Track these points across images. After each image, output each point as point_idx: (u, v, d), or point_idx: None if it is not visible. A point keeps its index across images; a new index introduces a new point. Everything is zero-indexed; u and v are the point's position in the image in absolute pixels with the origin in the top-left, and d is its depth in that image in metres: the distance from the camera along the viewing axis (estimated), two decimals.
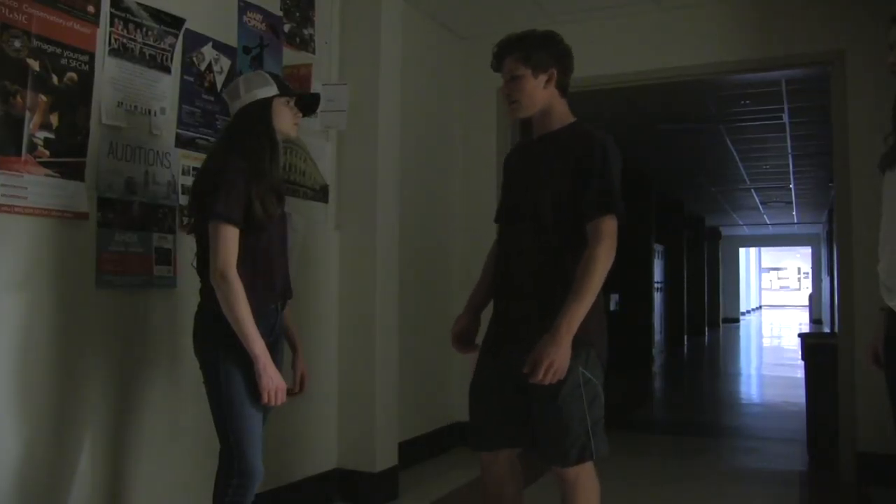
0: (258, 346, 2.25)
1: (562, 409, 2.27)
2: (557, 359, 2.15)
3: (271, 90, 2.43)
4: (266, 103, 2.42)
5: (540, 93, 2.42)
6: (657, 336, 11.56)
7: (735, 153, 9.46)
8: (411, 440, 4.49)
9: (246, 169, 2.31)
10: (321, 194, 3.82)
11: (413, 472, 4.36)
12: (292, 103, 2.50)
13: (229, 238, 2.25)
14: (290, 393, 2.45)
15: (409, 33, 4.40)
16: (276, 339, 2.48)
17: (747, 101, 7.00)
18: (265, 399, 2.28)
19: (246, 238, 2.30)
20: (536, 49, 2.43)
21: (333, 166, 3.91)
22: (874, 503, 3.89)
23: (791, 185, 12.15)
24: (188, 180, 2.89)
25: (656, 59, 4.79)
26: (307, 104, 2.62)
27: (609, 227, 2.26)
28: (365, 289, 3.87)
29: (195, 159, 3.00)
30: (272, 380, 2.28)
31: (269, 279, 2.40)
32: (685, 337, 14.52)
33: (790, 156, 9.66)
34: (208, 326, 2.33)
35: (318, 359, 3.78)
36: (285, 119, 2.47)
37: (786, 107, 7.12)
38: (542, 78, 2.41)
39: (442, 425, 5.00)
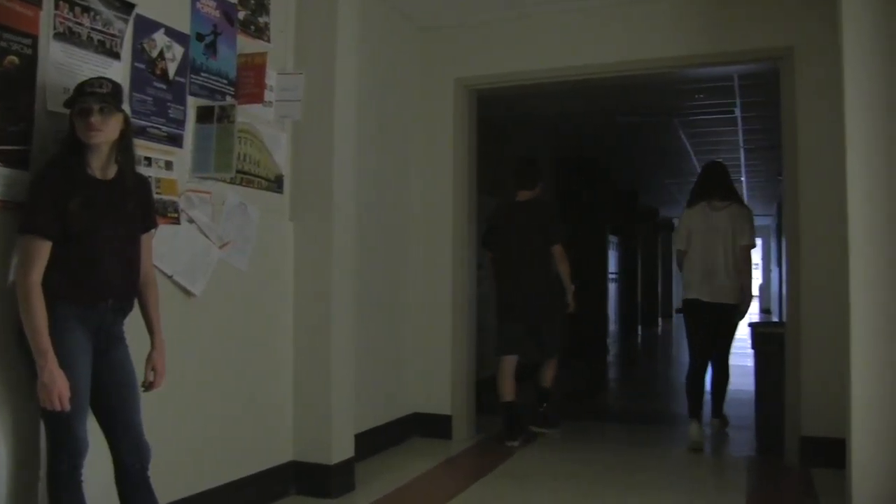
0: (41, 344, 2.25)
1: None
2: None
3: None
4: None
5: None
6: (612, 326, 11.70)
7: (689, 146, 9.59)
8: (368, 431, 4.49)
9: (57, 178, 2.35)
10: (276, 185, 3.79)
11: (370, 463, 4.36)
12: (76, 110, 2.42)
13: (31, 248, 2.28)
14: (146, 388, 2.56)
15: (366, 22, 4.38)
16: (109, 340, 2.46)
17: (701, 95, 7.11)
18: (42, 399, 2.26)
19: (59, 245, 2.31)
20: None
21: (289, 157, 3.88)
22: (816, 484, 4.00)
23: (742, 178, 12.36)
24: (140, 170, 2.83)
25: (614, 52, 4.84)
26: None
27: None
28: (320, 280, 3.85)
29: (147, 148, 2.96)
30: (49, 383, 2.24)
31: (86, 282, 2.37)
32: (639, 326, 14.71)
33: (742, 149, 9.84)
34: (20, 329, 2.33)
35: (273, 350, 3.76)
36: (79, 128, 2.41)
37: (738, 101, 7.25)
38: None
39: (398, 416, 5.00)
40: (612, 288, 11.76)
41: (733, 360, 5.56)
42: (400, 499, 3.86)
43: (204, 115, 3.27)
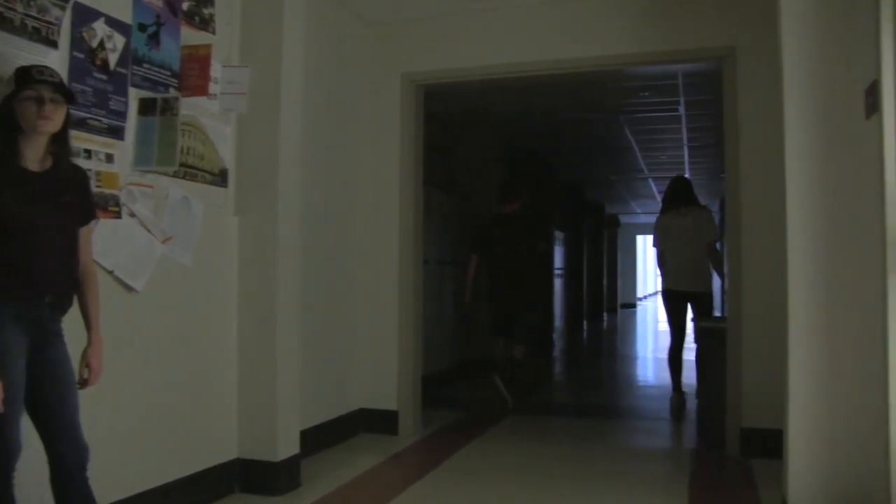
0: None
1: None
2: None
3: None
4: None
5: None
6: (557, 321, 11.80)
7: (634, 143, 9.72)
8: (314, 428, 4.46)
9: None
10: (220, 179, 3.74)
11: (316, 459, 4.33)
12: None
13: None
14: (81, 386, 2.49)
15: (313, 16, 4.34)
16: (46, 337, 2.39)
17: (646, 93, 7.21)
18: None
19: None
20: None
21: (233, 150, 3.83)
22: (755, 474, 4.10)
23: (686, 175, 12.56)
24: (80, 163, 2.77)
25: (558, 49, 4.87)
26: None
27: None
28: (265, 276, 3.81)
29: (87, 141, 2.88)
30: None
31: (22, 278, 2.31)
32: (584, 322, 14.87)
33: (685, 146, 10.00)
34: None
35: (217, 346, 3.71)
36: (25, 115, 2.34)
37: (682, 99, 7.36)
38: None
39: (344, 412, 4.98)
40: (557, 283, 11.86)
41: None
42: (346, 495, 3.84)
43: (146, 107, 3.21)
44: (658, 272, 6.38)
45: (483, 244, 6.54)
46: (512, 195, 6.52)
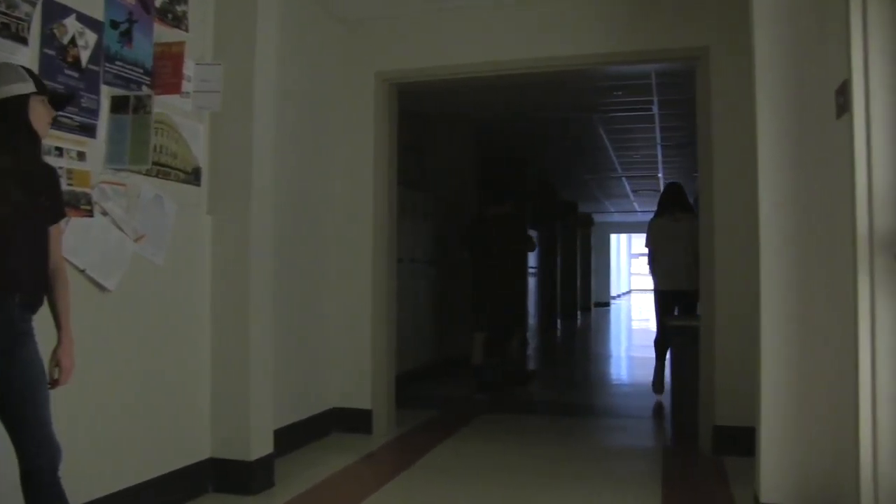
0: None
1: None
2: None
3: (28, 87, 2.35)
4: (24, 100, 2.34)
5: None
6: (531, 320, 11.84)
7: (608, 142, 9.77)
8: (287, 427, 4.44)
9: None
10: (193, 177, 3.71)
11: (289, 459, 4.31)
12: (47, 101, 2.42)
13: None
14: (51, 385, 2.44)
15: (287, 14, 4.32)
16: (16, 336, 2.36)
17: (619, 93, 7.25)
18: None
19: None
20: None
21: (207, 149, 3.80)
22: (728, 472, 4.14)
23: (660, 174, 12.67)
24: (51, 160, 2.73)
25: (532, 49, 4.89)
26: (60, 101, 2.56)
27: None
28: (238, 274, 3.78)
29: (58, 138, 2.85)
30: None
31: None
32: (558, 320, 14.92)
33: (659, 146, 10.07)
34: None
35: (190, 345, 3.68)
36: (41, 118, 2.40)
37: (655, 99, 7.41)
38: None
39: (318, 411, 4.96)
40: (531, 282, 11.89)
41: (651, 354, 6.58)
42: (320, 494, 3.83)
43: (119, 105, 3.18)
44: (649, 270, 6.77)
45: (477, 243, 6.93)
46: (505, 196, 6.98)
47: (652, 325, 6.55)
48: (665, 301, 6.50)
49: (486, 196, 7.13)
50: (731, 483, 3.93)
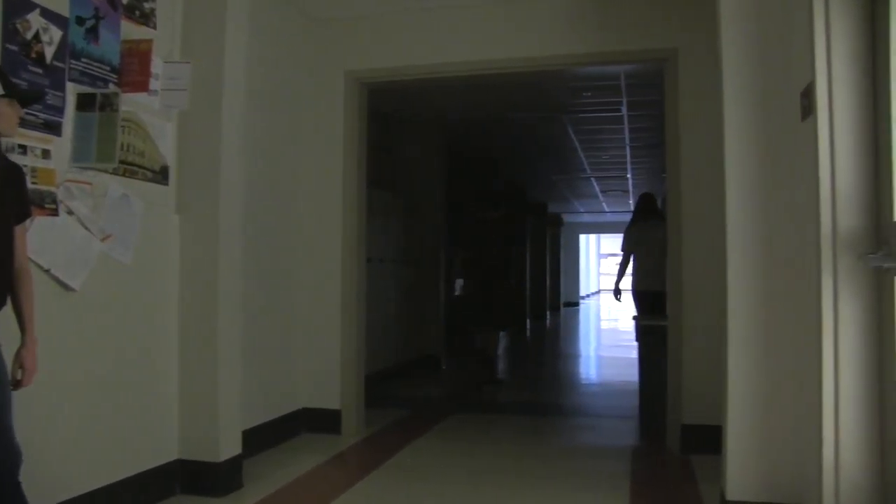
0: None
1: None
2: None
3: None
4: None
5: None
6: None
7: (577, 143, 9.82)
8: (256, 428, 4.42)
9: None
10: (161, 176, 3.67)
11: (258, 460, 4.29)
12: (15, 102, 2.38)
13: None
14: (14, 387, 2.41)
15: (257, 11, 4.29)
16: None
17: (589, 94, 7.29)
18: None
19: None
20: None
21: (174, 147, 3.76)
22: (694, 470, 4.18)
23: (628, 175, 12.75)
24: (15, 158, 2.68)
25: (502, 49, 4.90)
26: (28, 99, 2.53)
27: None
28: (207, 274, 3.75)
29: (22, 136, 2.79)
30: None
31: None
32: (528, 320, 14.97)
33: (627, 147, 10.14)
34: None
35: (157, 346, 3.64)
36: (8, 120, 2.35)
37: (624, 100, 7.47)
38: None
39: (287, 412, 4.94)
40: None
41: (620, 353, 6.03)
42: (289, 495, 3.81)
43: (85, 102, 3.13)
44: (626, 272, 7.17)
45: (474, 244, 7.47)
46: (500, 202, 7.61)
47: (621, 325, 6.47)
48: (643, 300, 6.87)
49: (483, 202, 7.59)
50: (699, 481, 3.97)
